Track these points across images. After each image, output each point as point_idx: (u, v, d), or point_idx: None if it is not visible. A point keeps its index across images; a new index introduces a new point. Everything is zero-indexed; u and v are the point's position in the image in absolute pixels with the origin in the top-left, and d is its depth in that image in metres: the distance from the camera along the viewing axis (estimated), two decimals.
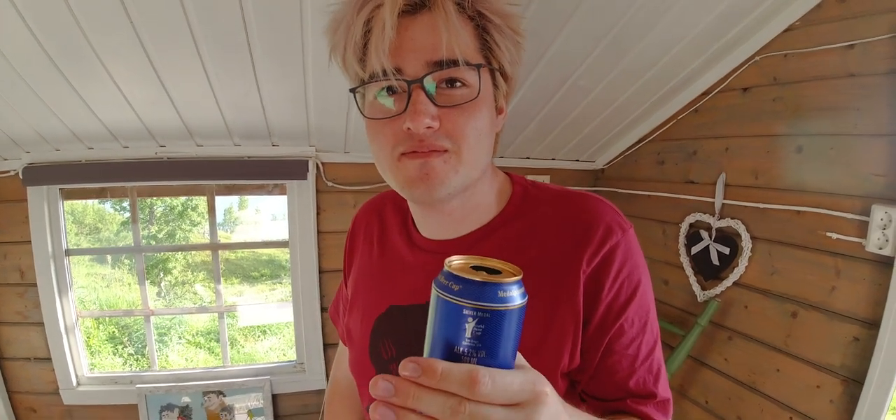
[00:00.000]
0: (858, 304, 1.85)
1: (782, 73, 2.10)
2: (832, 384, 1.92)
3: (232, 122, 2.45)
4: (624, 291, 0.84)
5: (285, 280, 9.36)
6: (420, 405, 0.48)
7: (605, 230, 0.84)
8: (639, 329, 0.86)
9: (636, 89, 2.46)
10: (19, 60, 1.84)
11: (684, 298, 2.66)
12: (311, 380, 3.06)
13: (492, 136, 0.88)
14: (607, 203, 0.89)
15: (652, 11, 1.90)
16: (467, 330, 0.49)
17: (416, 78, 0.77)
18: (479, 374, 0.47)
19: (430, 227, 0.98)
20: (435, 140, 0.79)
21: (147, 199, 8.17)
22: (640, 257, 0.87)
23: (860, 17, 1.82)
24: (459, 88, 0.79)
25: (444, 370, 0.47)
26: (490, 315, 0.48)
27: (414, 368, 0.48)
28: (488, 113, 0.84)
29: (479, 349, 0.49)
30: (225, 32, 1.81)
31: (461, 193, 0.86)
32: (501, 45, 0.82)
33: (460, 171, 0.82)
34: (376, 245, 1.09)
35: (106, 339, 7.38)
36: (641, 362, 0.86)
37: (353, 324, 1.11)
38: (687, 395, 2.63)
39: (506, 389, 0.48)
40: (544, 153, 3.17)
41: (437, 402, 0.47)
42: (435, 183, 0.81)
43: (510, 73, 0.88)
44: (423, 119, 0.76)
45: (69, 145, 2.53)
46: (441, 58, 0.76)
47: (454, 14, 0.76)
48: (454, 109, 0.79)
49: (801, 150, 2.05)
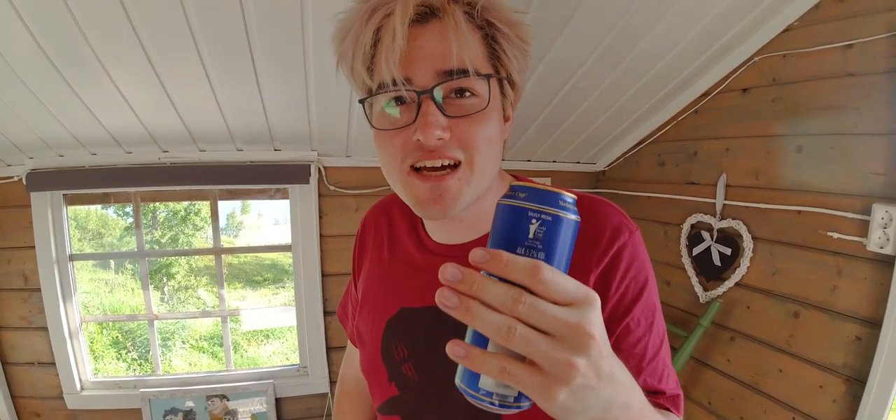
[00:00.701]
0: (860, 304, 1.85)
1: (781, 73, 2.10)
2: (835, 384, 1.92)
3: (234, 126, 2.46)
4: (630, 291, 0.85)
5: (288, 284, 9.38)
6: (484, 294, 0.50)
7: (612, 231, 0.85)
8: (645, 328, 0.86)
9: (636, 91, 2.47)
10: (22, 66, 1.85)
11: (686, 299, 2.66)
12: (314, 383, 3.06)
13: (501, 145, 0.88)
14: (614, 205, 0.90)
15: (650, 13, 1.91)
16: (531, 230, 0.52)
17: (425, 88, 0.77)
18: (541, 266, 0.49)
19: (439, 232, 0.99)
20: (446, 150, 0.79)
21: (150, 205, 8.22)
22: (646, 258, 0.88)
23: (858, 16, 1.82)
24: (469, 98, 0.79)
25: (509, 258, 0.49)
26: (551, 218, 0.52)
27: (482, 254, 0.50)
28: (497, 122, 0.84)
29: (539, 250, 0.52)
30: (227, 37, 1.82)
31: (476, 202, 0.87)
32: (509, 53, 0.82)
33: (472, 184, 0.82)
34: (386, 247, 1.10)
35: (109, 344, 7.41)
36: (649, 361, 0.87)
37: (363, 325, 1.11)
38: (690, 396, 2.63)
39: (564, 286, 0.50)
40: (546, 155, 3.18)
41: (500, 291, 0.49)
42: (448, 202, 0.81)
43: (518, 82, 0.88)
44: (433, 130, 0.76)
45: (72, 151, 2.54)
46: (451, 67, 0.76)
47: (463, 23, 0.76)
48: (464, 120, 0.79)
49: (801, 149, 2.05)
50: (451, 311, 0.51)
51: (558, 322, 0.49)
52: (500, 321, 0.49)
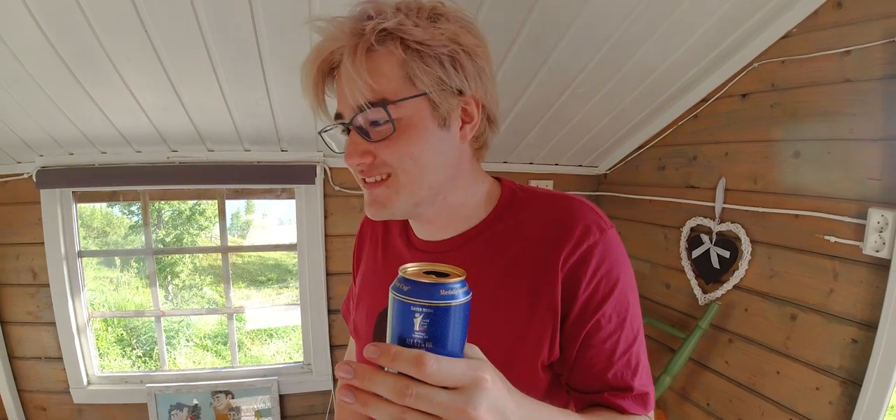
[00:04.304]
0: (856, 307, 1.87)
1: (780, 79, 2.13)
2: (831, 386, 1.94)
3: (242, 127, 2.49)
4: (601, 289, 0.88)
5: (291, 284, 9.41)
6: (375, 386, 0.56)
7: (582, 230, 0.88)
8: (617, 325, 0.89)
9: (636, 96, 2.50)
10: (34, 65, 1.89)
11: (685, 302, 2.68)
12: (317, 381, 3.10)
13: (442, 153, 0.91)
14: (588, 204, 0.94)
15: (650, 19, 1.94)
16: (416, 324, 0.57)
17: (347, 122, 0.88)
18: (425, 357, 0.54)
19: (422, 230, 1.06)
20: (373, 169, 0.89)
21: (155, 204, 8.23)
22: (620, 257, 0.91)
23: (855, 23, 1.85)
24: (383, 125, 0.85)
25: (396, 351, 0.55)
26: (434, 311, 0.56)
27: (373, 351, 0.56)
28: (423, 136, 0.87)
29: (427, 340, 0.57)
30: (237, 41, 1.86)
31: (424, 206, 0.94)
32: (426, 66, 0.84)
33: (402, 193, 0.90)
34: (380, 247, 1.16)
35: (114, 341, 7.43)
36: (619, 356, 0.90)
37: (359, 319, 1.19)
38: (689, 398, 2.66)
39: (449, 373, 0.56)
40: (547, 158, 3.20)
41: (389, 383, 0.55)
42: (379, 207, 0.92)
43: (454, 88, 0.87)
44: (351, 158, 0.88)
45: (82, 149, 2.58)
46: (356, 104, 0.84)
47: (363, 60, 0.81)
48: (382, 143, 0.86)
49: (798, 154, 2.08)
50: (352, 405, 0.57)
51: (444, 407, 0.55)
52: (391, 411, 0.56)
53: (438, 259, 0.98)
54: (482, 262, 0.95)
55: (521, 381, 0.78)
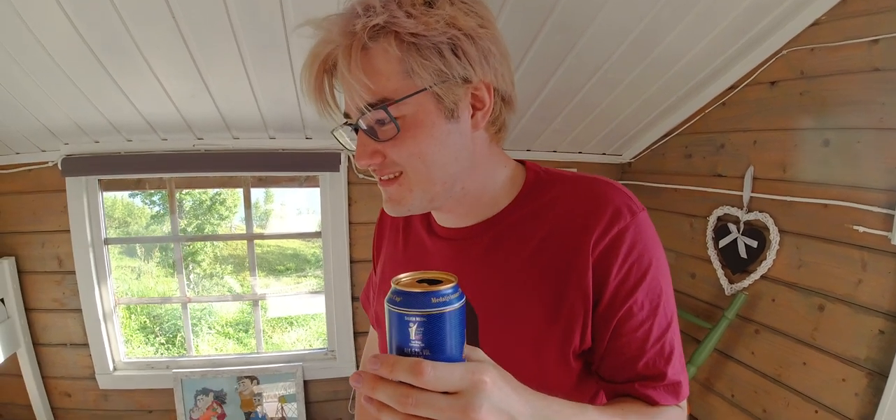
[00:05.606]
0: (884, 298, 1.86)
1: (809, 67, 2.10)
2: (857, 377, 1.93)
3: (268, 114, 2.51)
4: (633, 274, 0.85)
5: (310, 273, 9.49)
6: (377, 395, 0.58)
7: (613, 213, 0.85)
8: (649, 312, 0.86)
9: (664, 82, 2.48)
10: (60, 53, 1.91)
11: (711, 292, 2.67)
12: (341, 367, 3.12)
13: (453, 146, 0.87)
14: (618, 186, 0.91)
15: (680, 5, 1.92)
16: (412, 333, 0.58)
17: (354, 123, 0.87)
18: (422, 365, 0.56)
19: (443, 218, 1.04)
20: (384, 168, 0.89)
21: (177, 194, 8.31)
22: (652, 241, 0.88)
23: (885, 12, 1.82)
24: (387, 125, 0.83)
25: (394, 361, 0.57)
26: (428, 319, 0.58)
27: (372, 363, 0.58)
28: (430, 133, 0.84)
29: (424, 348, 0.59)
30: (265, 29, 1.87)
31: (441, 198, 0.92)
32: (422, 62, 0.79)
33: (415, 190, 0.89)
34: (401, 234, 1.15)
35: (137, 329, 7.55)
36: (652, 344, 0.87)
37: (380, 308, 1.15)
38: (713, 389, 2.65)
39: (447, 378, 0.57)
40: (571, 146, 3.19)
41: (391, 392, 0.57)
42: (395, 204, 0.92)
43: (458, 77, 0.82)
44: (360, 160, 0.88)
45: (108, 137, 2.61)
46: (360, 105, 0.82)
47: (358, 61, 0.78)
48: (390, 142, 0.85)
49: (827, 143, 2.06)
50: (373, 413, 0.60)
51: (444, 412, 0.57)
52: (394, 418, 0.58)
53: (462, 246, 0.98)
54: (508, 247, 0.93)
55: (550, 370, 0.77)
